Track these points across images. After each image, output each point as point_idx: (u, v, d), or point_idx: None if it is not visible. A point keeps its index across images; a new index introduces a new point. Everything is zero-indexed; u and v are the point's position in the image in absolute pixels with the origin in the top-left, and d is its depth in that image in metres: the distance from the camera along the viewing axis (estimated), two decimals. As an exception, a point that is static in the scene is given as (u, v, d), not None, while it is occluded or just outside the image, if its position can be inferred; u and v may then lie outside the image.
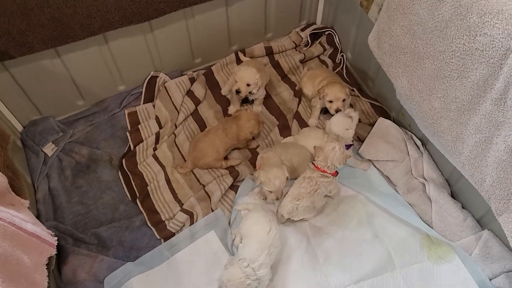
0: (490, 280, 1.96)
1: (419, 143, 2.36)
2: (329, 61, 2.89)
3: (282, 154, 2.29)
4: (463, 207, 2.17)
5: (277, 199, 2.17)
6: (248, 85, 2.44)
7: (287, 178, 2.16)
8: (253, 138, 2.55)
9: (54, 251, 1.66)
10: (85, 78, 2.50)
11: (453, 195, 2.23)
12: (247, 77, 2.43)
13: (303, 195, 2.11)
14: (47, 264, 1.65)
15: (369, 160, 2.42)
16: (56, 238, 1.71)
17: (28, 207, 1.79)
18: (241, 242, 2.07)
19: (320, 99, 2.47)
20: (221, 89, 2.76)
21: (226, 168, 2.44)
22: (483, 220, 2.10)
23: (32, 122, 2.55)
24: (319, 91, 2.46)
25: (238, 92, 2.45)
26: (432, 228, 2.15)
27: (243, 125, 2.36)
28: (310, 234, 2.20)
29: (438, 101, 1.86)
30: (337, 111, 2.40)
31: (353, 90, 2.70)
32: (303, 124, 2.62)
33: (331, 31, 2.91)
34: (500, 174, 1.66)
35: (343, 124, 2.31)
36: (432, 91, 1.87)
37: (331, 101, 2.41)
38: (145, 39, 2.48)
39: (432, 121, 1.94)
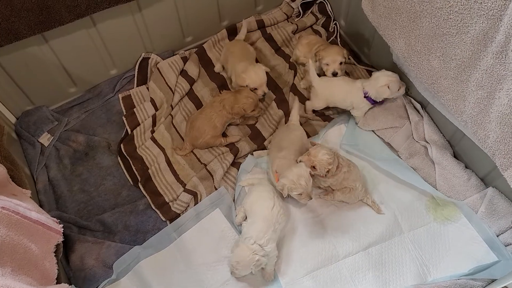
0: (497, 236, 1.98)
1: (418, 106, 2.34)
2: (322, 30, 2.84)
3: (290, 154, 2.16)
4: (466, 167, 2.18)
5: (310, 198, 2.03)
6: None
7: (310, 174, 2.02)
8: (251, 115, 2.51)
9: (61, 238, 1.65)
10: (75, 64, 2.45)
11: (455, 156, 2.23)
12: (263, 77, 2.40)
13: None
14: (55, 252, 1.64)
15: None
16: (61, 225, 1.69)
17: (30, 197, 1.76)
18: (245, 221, 2.06)
19: (316, 61, 2.44)
20: (214, 66, 2.72)
21: (226, 146, 2.42)
22: (487, 179, 2.11)
23: (25, 113, 2.50)
24: (315, 54, 2.43)
25: (264, 95, 2.43)
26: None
27: (240, 99, 2.33)
28: (316, 204, 2.20)
29: (437, 61, 1.83)
30: (334, 74, 2.38)
31: (349, 58, 2.66)
32: (300, 96, 2.58)
33: (322, -1, 2.86)
34: (504, 128, 1.65)
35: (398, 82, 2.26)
36: (431, 50, 1.84)
37: (327, 64, 2.38)
38: (133, 20, 2.42)
39: (431, 81, 1.92)
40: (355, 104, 2.35)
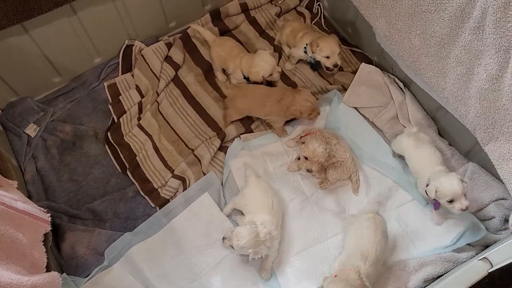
0: (481, 210, 2.01)
1: (401, 84, 2.36)
2: (306, 12, 2.83)
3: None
4: (450, 145, 2.20)
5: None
6: None
7: None
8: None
9: (49, 227, 1.65)
10: (58, 53, 2.43)
11: (440, 133, 2.25)
12: (272, 61, 2.34)
13: None
14: (43, 241, 1.65)
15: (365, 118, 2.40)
16: (49, 214, 1.70)
17: (17, 188, 1.76)
18: (243, 215, 2.06)
19: (313, 52, 2.36)
20: (199, 51, 2.70)
21: (213, 130, 2.42)
22: (470, 155, 2.14)
23: (10, 104, 2.48)
24: (311, 43, 2.35)
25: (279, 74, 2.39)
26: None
27: (299, 101, 2.22)
28: (303, 185, 2.22)
29: (418, 38, 1.84)
30: (336, 65, 2.35)
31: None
32: (285, 79, 2.59)
33: (305, -20, 2.84)
34: (483, 103, 1.67)
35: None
36: (411, 28, 1.85)
37: (327, 57, 2.32)
38: (115, 6, 2.39)
39: (413, 59, 1.94)
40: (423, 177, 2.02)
